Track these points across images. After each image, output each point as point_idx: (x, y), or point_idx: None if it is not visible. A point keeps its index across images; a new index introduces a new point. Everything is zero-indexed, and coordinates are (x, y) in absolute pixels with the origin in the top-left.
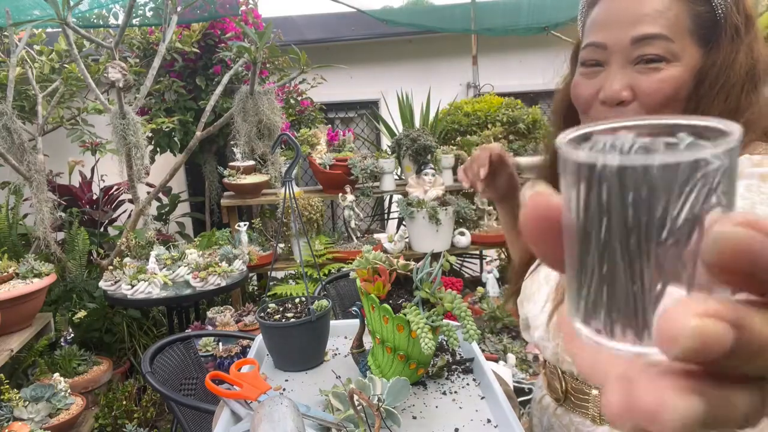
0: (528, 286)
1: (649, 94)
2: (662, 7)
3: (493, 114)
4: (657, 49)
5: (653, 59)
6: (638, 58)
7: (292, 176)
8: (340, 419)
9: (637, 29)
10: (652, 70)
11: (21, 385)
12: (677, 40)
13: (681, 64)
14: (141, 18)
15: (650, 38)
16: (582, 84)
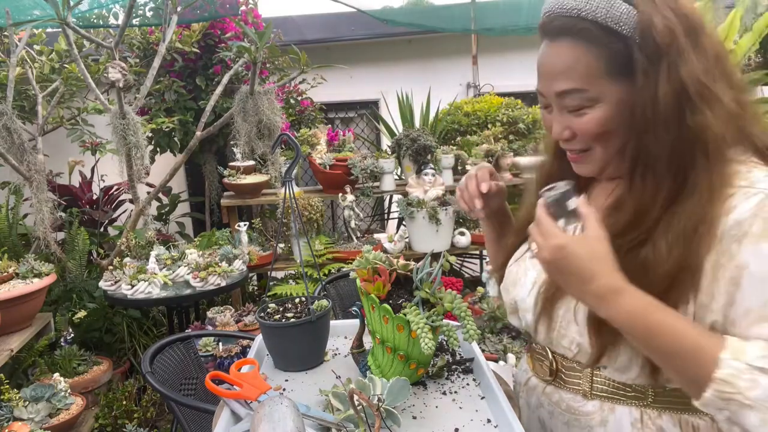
0: (513, 271)
1: (582, 133)
2: (572, 62)
3: (493, 114)
4: (574, 101)
5: (575, 109)
6: (564, 106)
7: (292, 176)
8: (340, 419)
9: (554, 85)
10: (579, 114)
11: (21, 385)
12: (592, 87)
13: (603, 103)
14: (141, 18)
15: (566, 93)
16: (545, 118)
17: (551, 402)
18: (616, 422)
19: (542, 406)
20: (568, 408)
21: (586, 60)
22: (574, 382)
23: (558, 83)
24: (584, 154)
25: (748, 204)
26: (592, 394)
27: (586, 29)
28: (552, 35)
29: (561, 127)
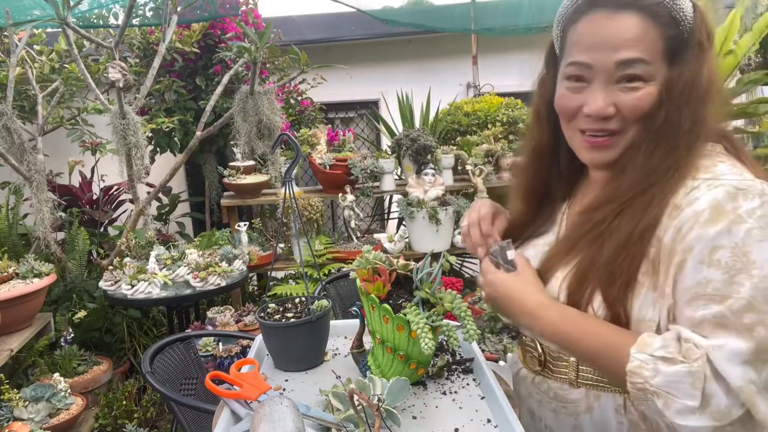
0: None
1: (629, 109)
2: (641, 33)
3: (493, 114)
4: (637, 71)
5: (633, 79)
6: (620, 78)
7: (292, 176)
8: (340, 419)
9: (620, 53)
10: (632, 89)
11: (21, 385)
12: (653, 62)
13: (655, 83)
14: (141, 18)
15: (632, 62)
16: (567, 97)
17: (540, 391)
18: (601, 409)
19: (531, 396)
20: (555, 396)
21: (652, 34)
22: (562, 372)
23: (624, 51)
24: (611, 138)
25: (709, 196)
26: (578, 382)
27: (654, 6)
28: (614, 6)
29: (606, 101)
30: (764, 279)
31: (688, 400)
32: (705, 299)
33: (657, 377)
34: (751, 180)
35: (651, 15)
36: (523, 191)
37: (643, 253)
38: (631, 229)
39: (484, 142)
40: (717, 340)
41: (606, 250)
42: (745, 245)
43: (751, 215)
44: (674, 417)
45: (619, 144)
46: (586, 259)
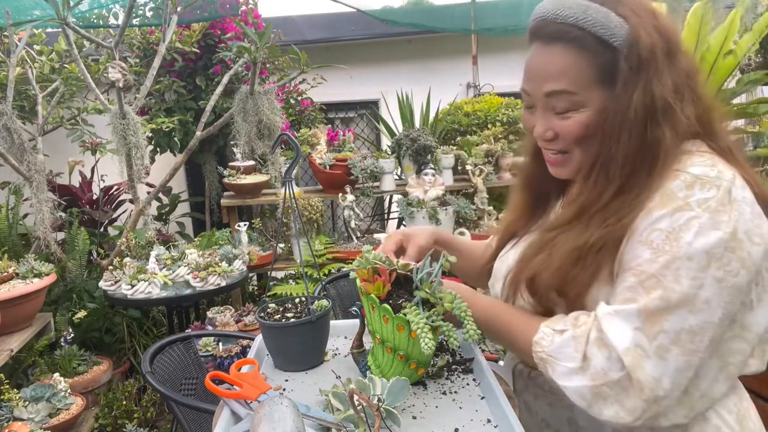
0: (497, 267)
1: (564, 135)
2: (567, 64)
3: (493, 114)
4: (563, 102)
5: (561, 111)
6: (552, 107)
7: (292, 176)
8: (340, 419)
9: (545, 86)
10: (564, 117)
11: (21, 385)
12: (581, 91)
13: (588, 109)
14: (141, 18)
15: (557, 93)
16: (527, 118)
17: (535, 385)
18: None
19: (527, 389)
20: (551, 390)
21: (577, 65)
22: None
23: (549, 84)
24: (563, 156)
25: (669, 185)
26: None
27: (580, 37)
28: (545, 39)
29: (544, 127)
30: (677, 258)
31: (569, 362)
32: (628, 272)
33: (551, 346)
34: (719, 173)
35: (578, 45)
36: (521, 189)
37: (597, 265)
38: (581, 243)
39: (484, 142)
40: (617, 308)
41: (554, 260)
42: (681, 231)
43: (700, 205)
44: (559, 379)
45: (571, 161)
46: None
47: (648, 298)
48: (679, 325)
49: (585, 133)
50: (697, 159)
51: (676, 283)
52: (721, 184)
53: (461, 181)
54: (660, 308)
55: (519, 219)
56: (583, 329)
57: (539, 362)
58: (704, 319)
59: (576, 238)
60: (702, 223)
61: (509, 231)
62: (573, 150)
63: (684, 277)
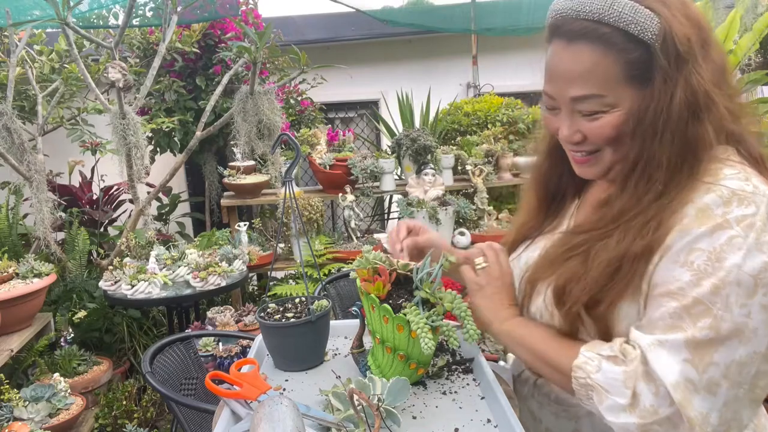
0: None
1: (594, 136)
2: (592, 65)
3: (493, 114)
4: (591, 106)
5: (590, 114)
6: (579, 110)
7: (292, 176)
8: (340, 419)
9: (571, 90)
10: (593, 119)
11: (21, 385)
12: (610, 92)
13: (619, 109)
14: (141, 18)
15: (584, 98)
16: (548, 119)
17: (541, 393)
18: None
19: (533, 397)
20: (556, 399)
21: (605, 65)
22: None
23: (575, 88)
24: (592, 156)
25: (703, 199)
26: None
27: (606, 35)
28: (567, 38)
29: (571, 130)
30: (727, 283)
31: (619, 398)
32: (667, 297)
33: (598, 373)
34: (754, 187)
35: (604, 43)
36: (536, 186)
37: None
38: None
39: (484, 142)
40: (662, 337)
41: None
42: (723, 251)
43: (740, 222)
44: (605, 412)
45: (601, 161)
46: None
47: (696, 327)
48: (729, 357)
49: (616, 133)
50: (729, 171)
51: (726, 311)
52: (761, 200)
53: (461, 181)
54: (710, 339)
55: (532, 220)
56: (635, 364)
57: (580, 388)
58: (752, 349)
59: (615, 247)
60: (748, 245)
61: (521, 233)
62: (604, 149)
63: (734, 305)
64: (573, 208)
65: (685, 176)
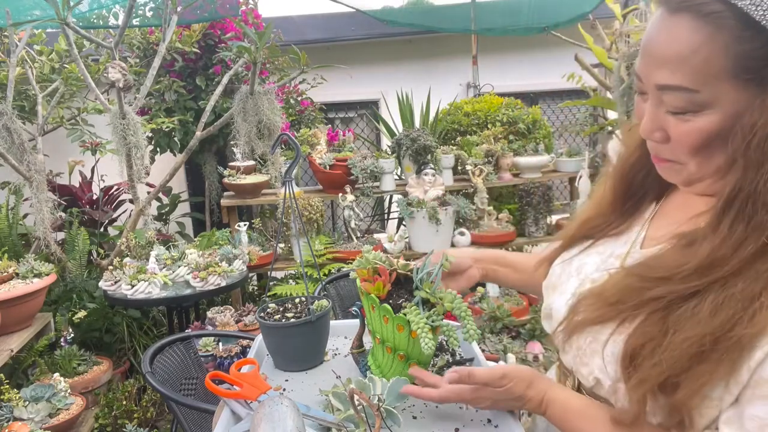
0: (557, 273)
1: (677, 142)
2: (688, 50)
3: (493, 114)
4: (678, 101)
5: (677, 110)
6: (665, 104)
7: (292, 176)
8: (341, 419)
9: (658, 75)
10: (680, 119)
11: (21, 385)
12: (706, 88)
13: (714, 111)
14: (141, 18)
15: (670, 89)
16: (639, 105)
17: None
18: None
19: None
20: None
21: (707, 52)
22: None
23: (662, 73)
24: (672, 164)
25: None
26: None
27: (718, 12)
28: (670, 7)
29: (653, 125)
30: None
31: None
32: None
33: None
34: None
35: (713, 23)
36: (617, 179)
37: (728, 365)
38: (717, 332)
39: (484, 142)
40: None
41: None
42: None
43: None
44: None
45: (682, 173)
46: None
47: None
48: None
49: (704, 143)
50: None
51: None
52: None
53: (461, 181)
54: None
55: (601, 217)
56: None
57: None
58: None
59: (708, 322)
60: None
61: (584, 229)
62: (687, 162)
63: None
64: (649, 214)
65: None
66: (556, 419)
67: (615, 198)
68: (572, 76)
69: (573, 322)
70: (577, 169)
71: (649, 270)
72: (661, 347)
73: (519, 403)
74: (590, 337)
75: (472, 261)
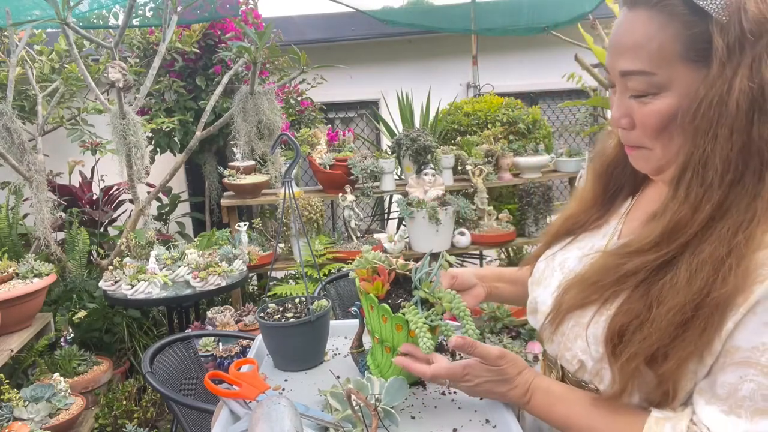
0: (541, 268)
1: (642, 124)
2: (644, 38)
3: (493, 114)
4: (639, 84)
5: (639, 94)
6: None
7: (292, 176)
8: (339, 419)
9: (620, 63)
10: (642, 102)
11: (21, 385)
12: (662, 71)
13: (670, 93)
14: (141, 18)
15: (631, 73)
16: (611, 99)
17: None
18: None
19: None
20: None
21: (660, 38)
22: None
23: (623, 61)
24: (640, 150)
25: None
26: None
27: (668, 2)
28: (629, 3)
29: (620, 112)
30: None
31: None
32: (756, 369)
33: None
34: None
35: (665, 12)
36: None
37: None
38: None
39: (484, 142)
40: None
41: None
42: None
43: None
44: None
45: (650, 159)
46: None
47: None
48: None
49: (664, 123)
50: None
51: None
52: None
53: (461, 181)
54: None
55: (582, 213)
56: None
57: None
58: None
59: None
60: None
61: (566, 226)
62: (653, 147)
63: None
64: (625, 209)
65: (750, 187)
66: (538, 407)
67: (594, 194)
68: (572, 76)
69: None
70: (577, 169)
71: (624, 247)
72: (648, 321)
73: (505, 388)
74: (573, 321)
75: (477, 279)
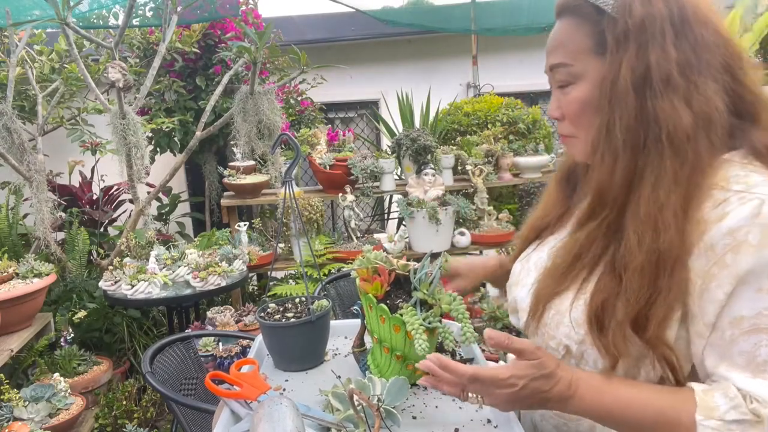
0: (517, 271)
1: (567, 112)
2: (565, 37)
3: (493, 114)
4: (561, 75)
5: (562, 84)
6: (556, 82)
7: (292, 176)
8: (340, 419)
9: (549, 60)
10: (565, 93)
11: (21, 385)
12: (578, 63)
13: (586, 81)
14: (141, 18)
15: (555, 66)
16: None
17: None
18: (603, 428)
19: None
20: (558, 413)
21: (577, 36)
22: None
23: (551, 57)
24: (570, 139)
25: (743, 210)
26: None
27: (579, 6)
28: (558, 13)
29: (553, 105)
30: None
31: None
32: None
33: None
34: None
35: (578, 15)
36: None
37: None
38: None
39: (484, 142)
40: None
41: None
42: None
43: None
44: None
45: (578, 145)
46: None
47: None
48: None
49: (584, 107)
50: (756, 177)
51: None
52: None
53: (461, 181)
54: None
55: (548, 215)
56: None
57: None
58: None
59: (637, 251)
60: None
61: (534, 228)
62: (578, 134)
63: None
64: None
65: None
66: (585, 399)
67: (556, 197)
68: None
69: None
70: None
71: (574, 226)
72: (622, 290)
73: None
74: (553, 311)
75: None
